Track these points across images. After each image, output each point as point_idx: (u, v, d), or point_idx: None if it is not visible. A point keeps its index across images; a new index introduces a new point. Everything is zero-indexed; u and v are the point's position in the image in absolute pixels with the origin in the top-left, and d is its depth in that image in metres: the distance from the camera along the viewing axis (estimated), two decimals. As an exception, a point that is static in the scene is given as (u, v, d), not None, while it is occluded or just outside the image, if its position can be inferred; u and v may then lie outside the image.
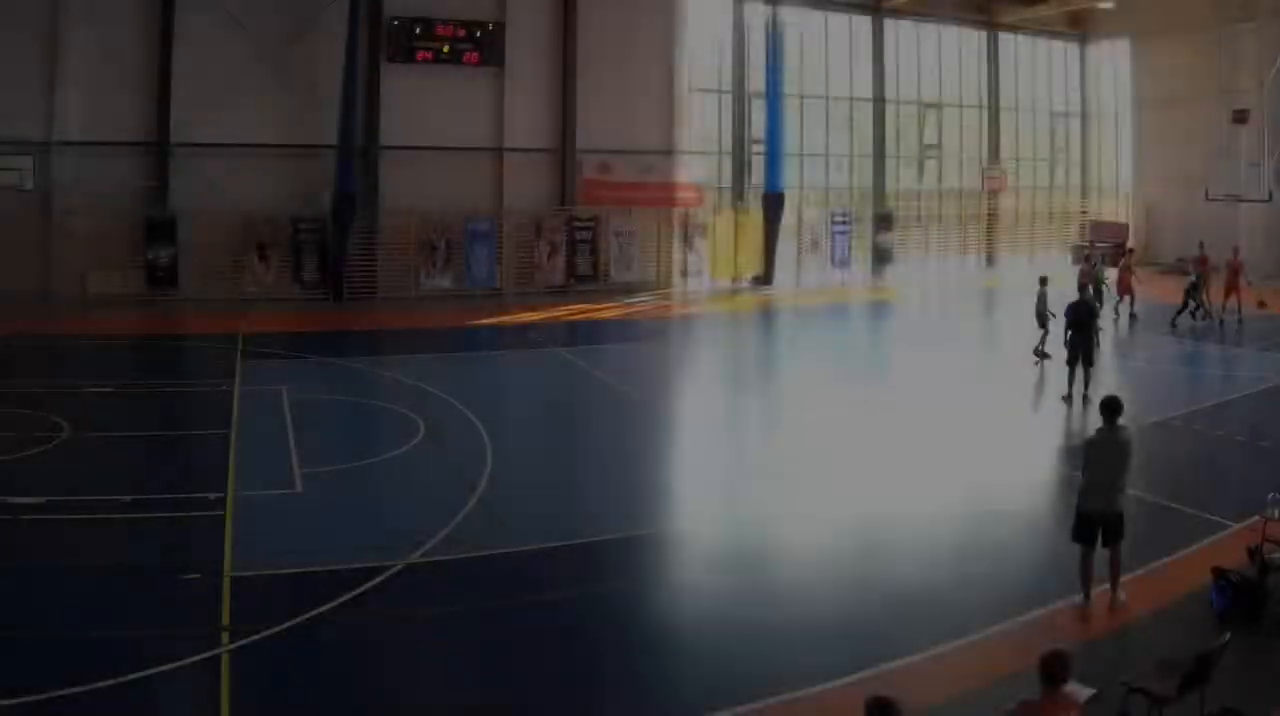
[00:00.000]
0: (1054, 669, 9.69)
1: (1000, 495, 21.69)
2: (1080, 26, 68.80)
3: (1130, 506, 16.46)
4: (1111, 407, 16.13)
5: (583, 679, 13.74)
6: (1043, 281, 34.52)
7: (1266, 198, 51.80)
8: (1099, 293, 37.02)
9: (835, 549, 18.64)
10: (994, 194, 64.51)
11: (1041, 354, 33.83)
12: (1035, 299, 34.40)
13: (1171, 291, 44.67)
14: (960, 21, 64.48)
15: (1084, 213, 69.33)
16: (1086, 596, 15.76)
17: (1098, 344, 29.77)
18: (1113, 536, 15.73)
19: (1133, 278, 42.39)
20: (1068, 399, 29.27)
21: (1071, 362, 29.00)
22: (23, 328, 38.02)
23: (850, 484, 22.40)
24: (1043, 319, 33.94)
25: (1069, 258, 60.93)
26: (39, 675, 12.93)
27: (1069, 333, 29.05)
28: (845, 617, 15.54)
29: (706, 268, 55.27)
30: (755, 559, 18.23)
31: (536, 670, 13.93)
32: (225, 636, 14.32)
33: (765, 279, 56.17)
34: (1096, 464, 15.88)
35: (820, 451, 25.00)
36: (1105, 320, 35.42)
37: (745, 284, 55.92)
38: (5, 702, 12.09)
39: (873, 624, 15.23)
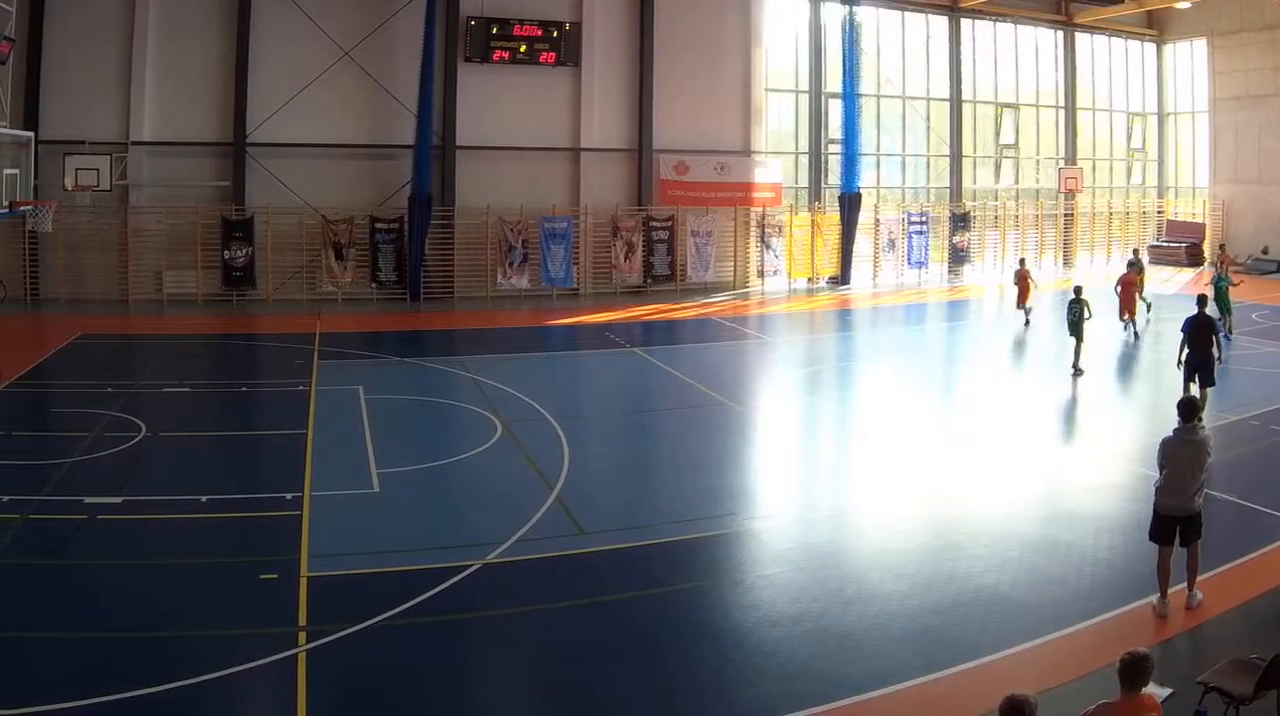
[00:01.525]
0: (1133, 671, 9.48)
1: (1078, 496, 20.81)
2: (1157, 26, 66.55)
3: (1208, 505, 15.90)
4: (1189, 407, 15.69)
5: (657, 679, 13.18)
6: (1078, 291, 32.89)
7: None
8: (1224, 306, 34.54)
9: (910, 549, 17.75)
10: (1070, 194, 62.20)
11: (1077, 369, 31.89)
12: (1067, 309, 32.84)
13: (1249, 292, 42.77)
14: (1037, 21, 62.64)
15: (1160, 212, 67.30)
16: (1163, 595, 15.12)
17: (1220, 360, 26.96)
18: (1191, 535, 15.22)
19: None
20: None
21: (1188, 380, 26.82)
22: (99, 327, 37.49)
23: (927, 483, 21.60)
24: (1077, 329, 32.28)
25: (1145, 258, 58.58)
26: (116, 675, 12.61)
27: (1184, 350, 26.65)
28: (921, 618, 14.80)
29: (783, 268, 53.59)
30: (830, 559, 17.49)
31: (612, 670, 13.45)
32: (302, 636, 13.90)
33: (842, 279, 54.65)
34: (1174, 463, 15.25)
35: (897, 451, 24.20)
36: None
37: (822, 284, 54.35)
38: (83, 703, 11.83)
39: (948, 624, 14.58)
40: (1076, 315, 31.99)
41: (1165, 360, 30.16)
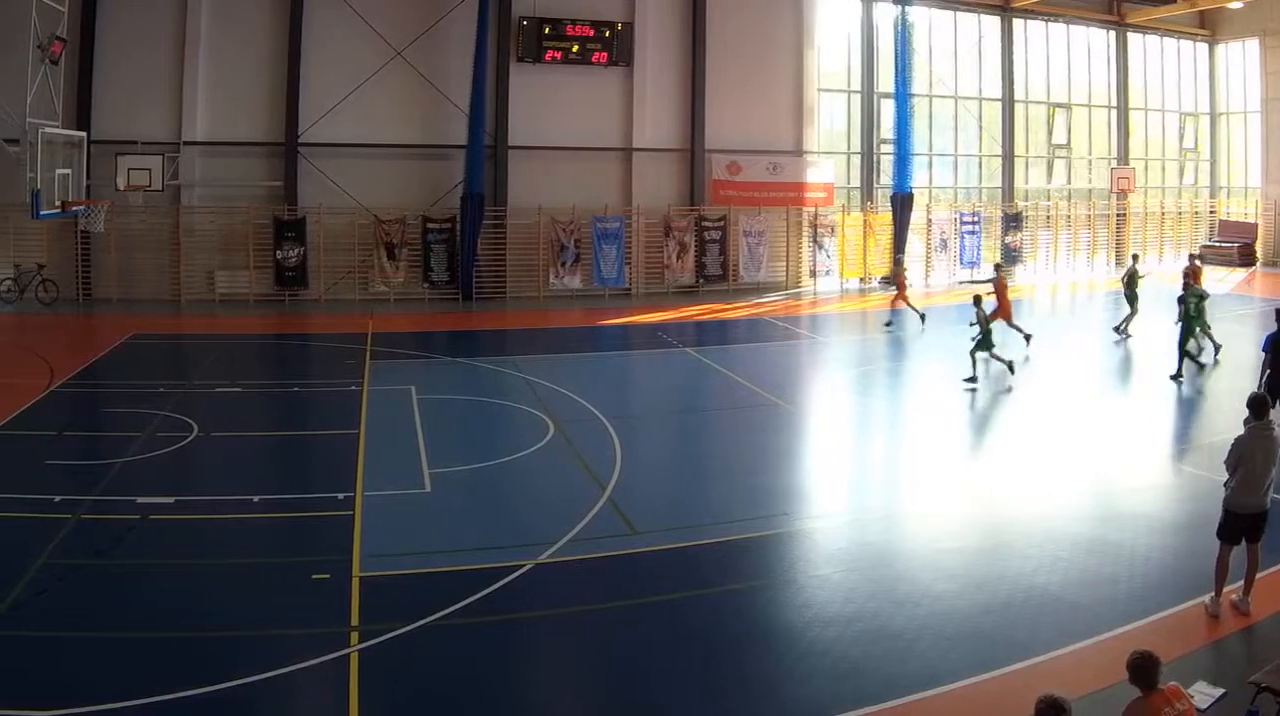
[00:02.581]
0: (1138, 671, 9.47)
1: (1129, 495, 20.37)
2: (1209, 26, 64.42)
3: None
4: (1261, 404, 15.35)
5: (709, 679, 12.99)
6: (1135, 258, 33.35)
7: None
8: (1192, 327, 32.11)
9: (962, 549, 17.45)
10: (1123, 194, 60.10)
11: (1123, 332, 31.56)
12: (1125, 275, 32.72)
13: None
14: (1089, 21, 60.76)
15: (1212, 212, 65.34)
16: (1218, 594, 14.85)
17: None
18: (1259, 533, 14.96)
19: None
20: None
21: (1274, 396, 25.22)
22: (152, 327, 37.22)
23: (978, 484, 21.34)
24: (1132, 299, 32.07)
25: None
26: (168, 676, 12.48)
27: (1265, 372, 24.48)
28: (973, 618, 14.57)
29: (835, 268, 52.18)
30: (882, 559, 17.13)
31: (664, 670, 13.17)
32: (354, 637, 13.73)
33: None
34: (1250, 461, 14.84)
35: (949, 451, 23.97)
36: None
37: (874, 284, 52.46)
38: (135, 703, 11.69)
39: (1000, 624, 14.37)
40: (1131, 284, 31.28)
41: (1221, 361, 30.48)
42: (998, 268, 39.50)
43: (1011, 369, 30.29)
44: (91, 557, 16.24)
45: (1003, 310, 35.05)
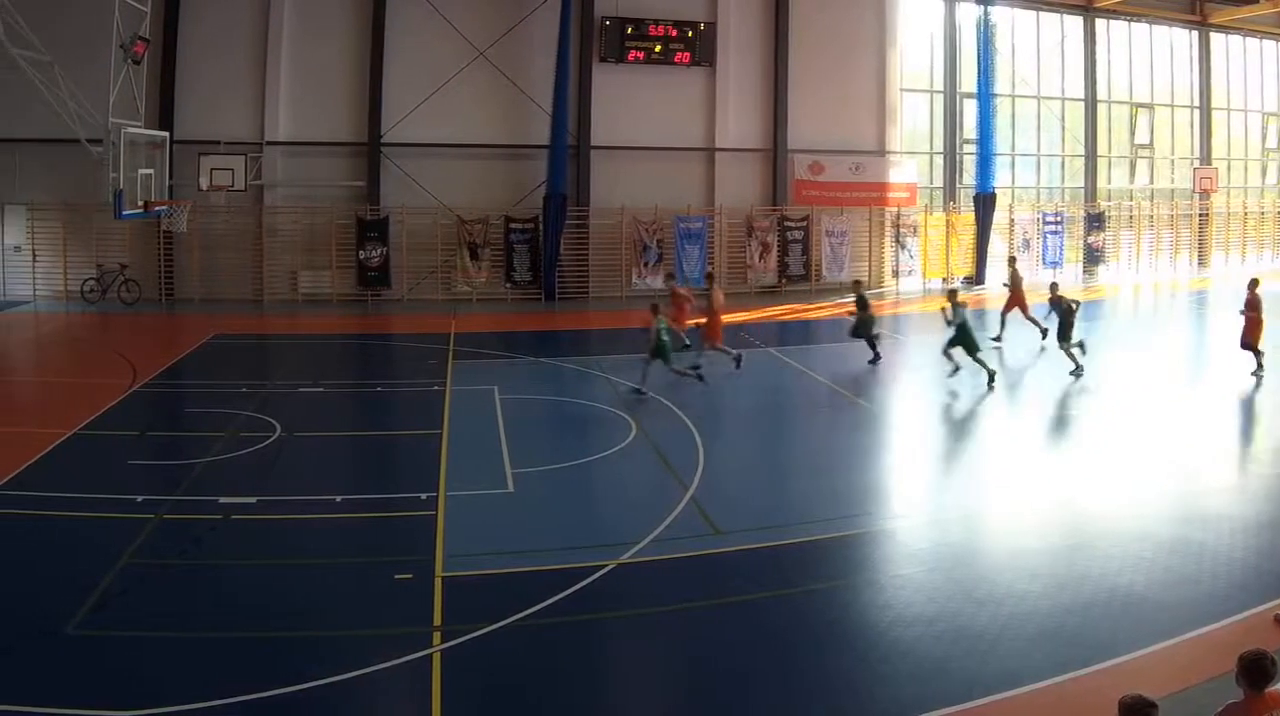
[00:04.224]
0: (1254, 670, 8.59)
1: (1211, 496, 19.38)
2: (1292, 26, 61.72)
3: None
4: None
5: (791, 679, 12.45)
6: (1012, 261, 34.01)
7: None
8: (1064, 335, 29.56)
9: (1044, 549, 16.68)
10: (1205, 194, 58.03)
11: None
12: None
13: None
14: (1171, 22, 57.85)
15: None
16: None
17: None
18: None
19: None
20: None
21: None
22: (234, 327, 36.65)
23: (1060, 483, 20.35)
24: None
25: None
26: (251, 675, 12.07)
27: None
28: (1054, 618, 13.94)
29: (918, 268, 50.28)
30: (964, 558, 16.43)
31: (745, 671, 12.61)
32: (437, 636, 13.24)
33: (977, 279, 50.96)
34: None
35: (1030, 451, 23.01)
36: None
37: (957, 284, 49.79)
38: (219, 702, 11.32)
39: (1082, 624, 13.74)
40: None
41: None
42: (1012, 261, 37.68)
43: (991, 380, 28.11)
44: (174, 557, 15.76)
45: (1016, 301, 34.29)
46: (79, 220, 40.39)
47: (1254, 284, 29.23)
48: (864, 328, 30.88)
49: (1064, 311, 28.76)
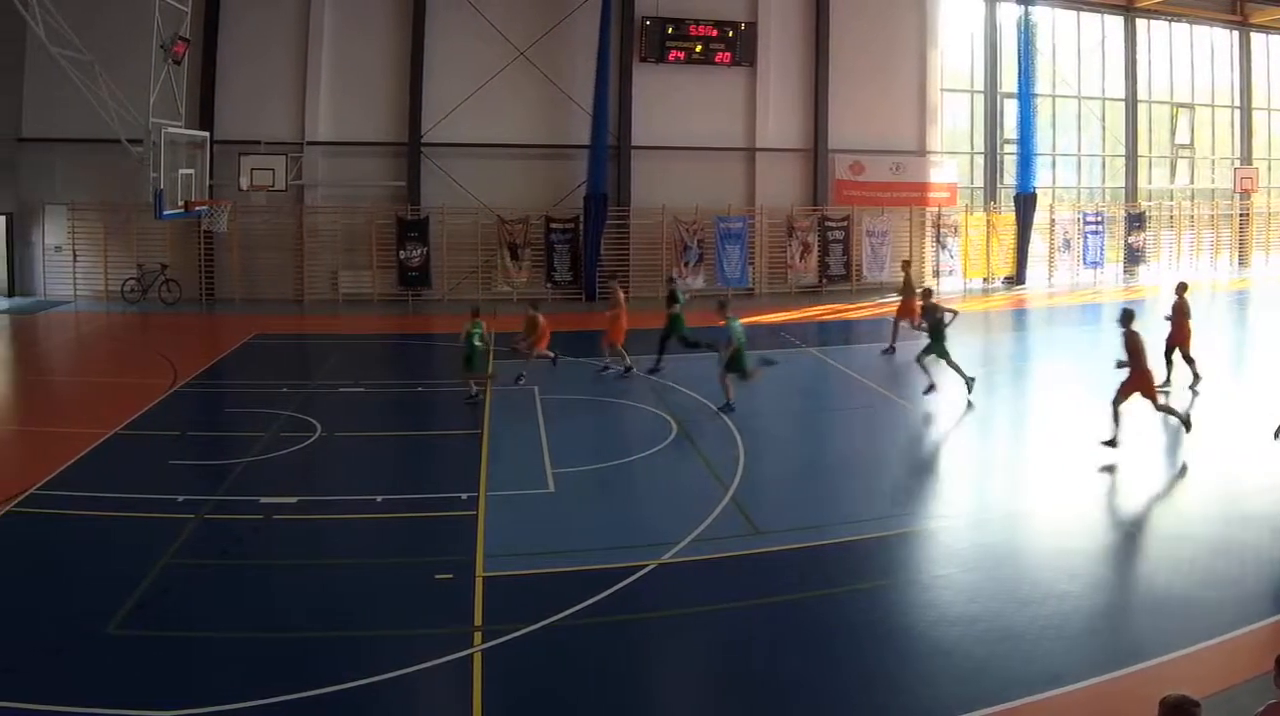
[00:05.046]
0: None
1: (1254, 496, 18.88)
2: (1333, 26, 60.08)
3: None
4: None
5: (833, 679, 12.35)
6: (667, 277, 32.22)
7: None
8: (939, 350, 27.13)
9: (1085, 549, 16.41)
10: (1246, 194, 56.64)
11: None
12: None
13: None
14: (1212, 22, 56.35)
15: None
16: None
17: None
18: None
19: None
20: None
21: None
22: (275, 327, 36.38)
23: (1102, 484, 20.04)
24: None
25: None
26: (291, 675, 11.99)
27: None
28: (1096, 618, 13.82)
29: (959, 268, 48.98)
30: (1005, 559, 16.22)
31: (787, 670, 12.48)
32: (477, 636, 13.13)
33: (1017, 279, 49.85)
34: None
35: (1072, 451, 22.07)
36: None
37: (997, 284, 49.75)
38: (259, 702, 11.22)
39: (1123, 625, 13.74)
40: None
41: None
42: (905, 265, 35.53)
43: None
44: (215, 557, 15.68)
45: (907, 307, 32.05)
46: (119, 220, 39.98)
47: (1182, 288, 27.32)
48: (671, 329, 28.94)
49: (935, 321, 26.27)
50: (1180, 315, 26.58)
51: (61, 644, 12.52)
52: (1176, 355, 26.59)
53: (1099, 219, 52.36)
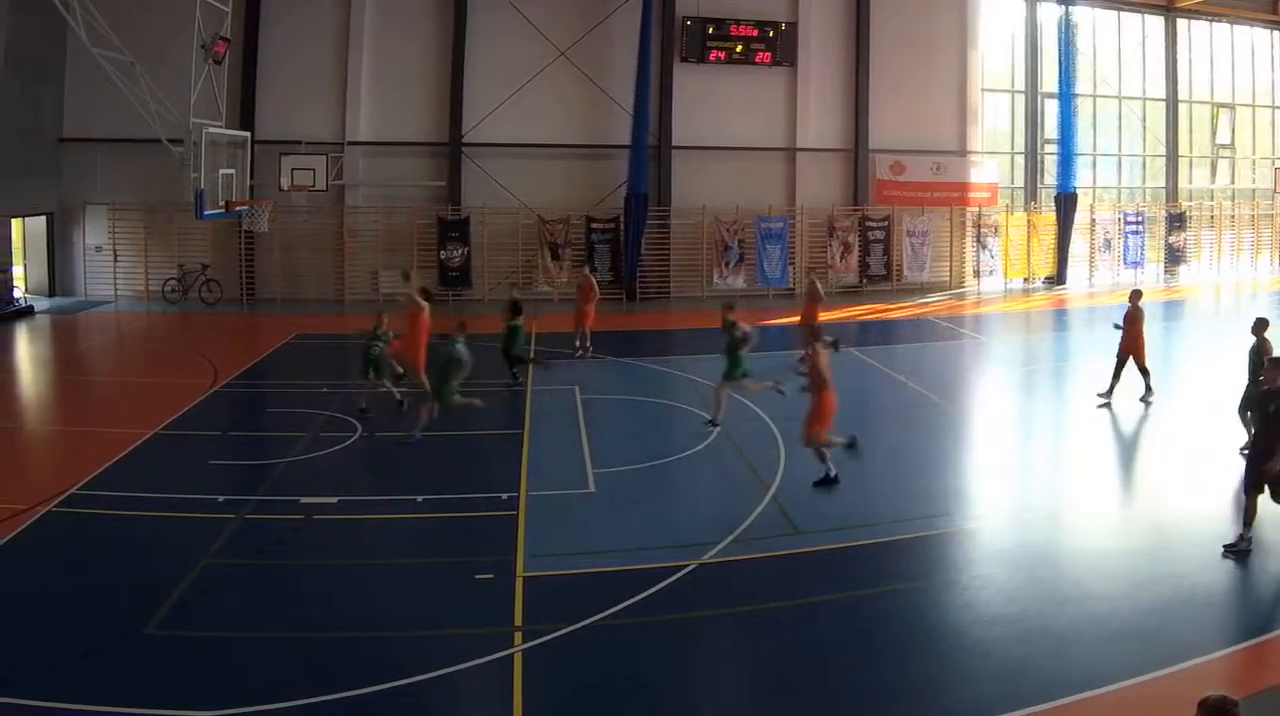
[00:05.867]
0: None
1: None
2: (1375, 25, 58.54)
3: None
4: None
5: (873, 679, 12.10)
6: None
7: None
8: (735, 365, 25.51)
9: (1125, 549, 16.20)
10: (1287, 194, 54.90)
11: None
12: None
13: None
14: (1253, 22, 54.89)
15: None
16: None
17: None
18: None
19: None
20: None
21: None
22: (315, 327, 35.77)
23: (1142, 484, 20.06)
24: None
25: None
26: (332, 675, 11.75)
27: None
28: (1136, 618, 13.52)
29: (999, 268, 47.83)
30: (1046, 559, 15.84)
31: (827, 670, 12.30)
32: (518, 636, 12.92)
33: (1058, 279, 48.78)
34: None
35: (1112, 451, 22.44)
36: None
37: (1038, 284, 48.68)
38: (299, 702, 11.02)
39: (1164, 625, 13.35)
40: None
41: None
42: (809, 272, 33.19)
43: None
44: (255, 557, 15.44)
45: (808, 316, 29.68)
46: (160, 220, 39.50)
47: (1136, 296, 25.65)
48: (509, 341, 27.23)
49: (732, 339, 23.34)
50: (1133, 323, 25.13)
51: (100, 644, 12.26)
52: (1130, 365, 25.09)
53: (1139, 219, 51.16)
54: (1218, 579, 14.86)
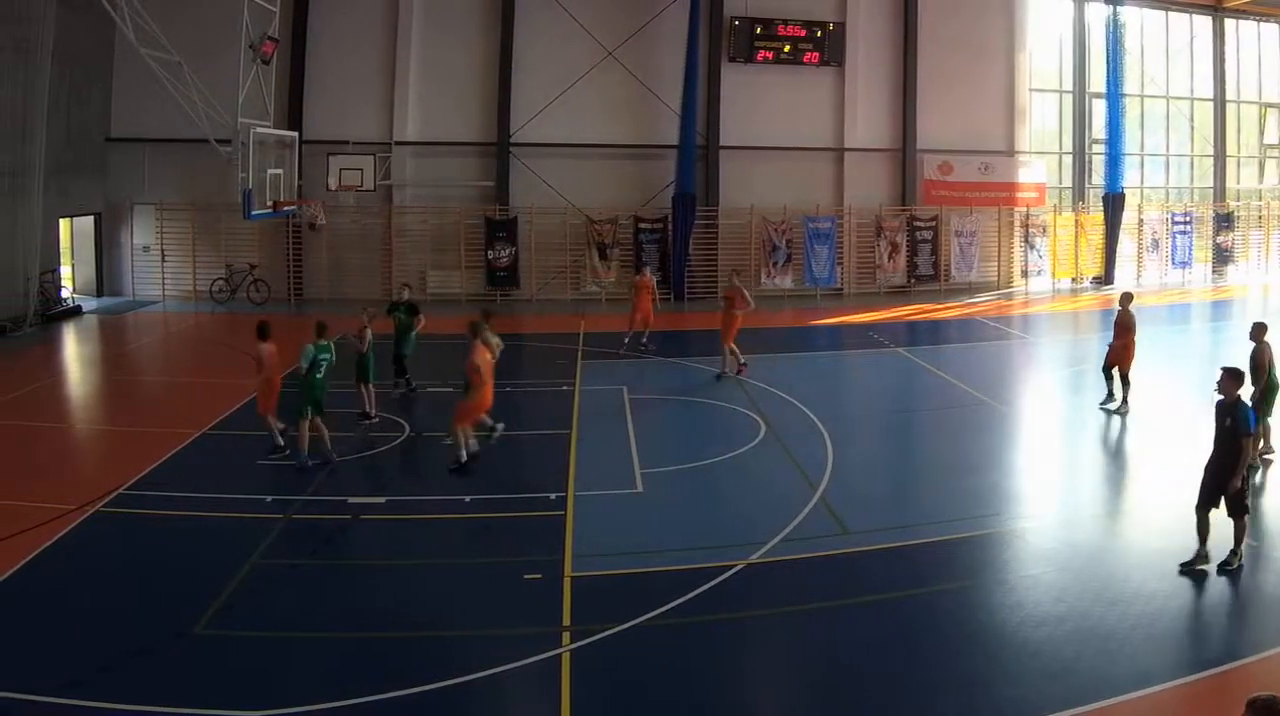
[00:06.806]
0: None
1: None
2: None
3: None
4: None
5: (921, 679, 11.83)
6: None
7: None
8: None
9: (1173, 549, 15.47)
10: (1334, 195, 53.21)
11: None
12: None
13: None
14: (1301, 21, 53.42)
15: None
16: None
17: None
18: None
19: None
20: None
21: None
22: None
23: (1190, 484, 17.60)
24: None
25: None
26: (381, 675, 11.67)
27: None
28: (1184, 618, 13.41)
29: (1047, 268, 46.60)
30: (1093, 559, 15.61)
31: (875, 670, 12.11)
32: (566, 636, 12.77)
33: (1106, 279, 47.34)
34: None
35: (1161, 451, 21.36)
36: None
37: (1086, 284, 47.32)
38: (349, 702, 10.95)
39: (1212, 625, 13.37)
40: None
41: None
42: (734, 274, 30.16)
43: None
44: (303, 557, 15.38)
45: (730, 323, 27.68)
46: (208, 220, 38.89)
47: (1126, 299, 24.05)
48: (399, 343, 25.90)
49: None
50: (1126, 332, 23.59)
51: (150, 644, 12.22)
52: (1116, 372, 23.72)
53: (1187, 219, 49.67)
54: (1266, 579, 14.59)
